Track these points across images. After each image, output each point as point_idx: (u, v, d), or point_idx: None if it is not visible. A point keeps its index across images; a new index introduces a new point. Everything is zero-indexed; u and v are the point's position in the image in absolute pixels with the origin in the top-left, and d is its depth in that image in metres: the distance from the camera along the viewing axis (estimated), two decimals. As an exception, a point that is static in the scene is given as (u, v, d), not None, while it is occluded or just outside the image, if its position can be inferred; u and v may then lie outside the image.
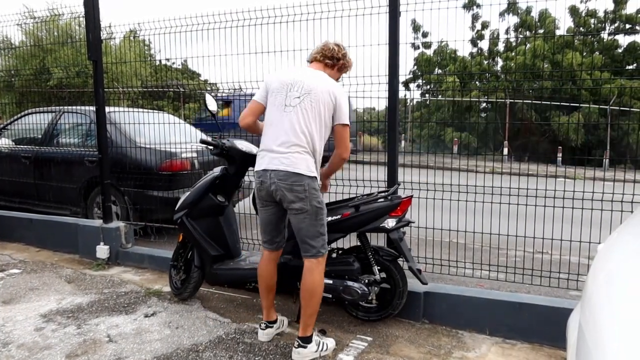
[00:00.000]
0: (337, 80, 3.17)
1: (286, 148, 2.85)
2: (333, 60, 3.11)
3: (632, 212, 3.02)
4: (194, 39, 4.66)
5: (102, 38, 4.90)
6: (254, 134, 3.21)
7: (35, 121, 6.45)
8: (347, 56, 3.18)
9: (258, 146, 3.12)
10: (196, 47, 4.70)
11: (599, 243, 2.03)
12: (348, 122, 2.95)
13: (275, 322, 3.30)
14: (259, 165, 2.95)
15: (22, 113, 6.66)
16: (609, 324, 1.24)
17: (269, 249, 3.16)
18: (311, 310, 2.97)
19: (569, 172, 4.26)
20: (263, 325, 3.24)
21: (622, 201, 3.30)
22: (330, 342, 3.10)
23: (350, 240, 3.62)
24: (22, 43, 7.21)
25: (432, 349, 3.18)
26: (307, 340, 2.97)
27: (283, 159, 2.84)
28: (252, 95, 3.21)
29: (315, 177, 2.91)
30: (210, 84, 6.70)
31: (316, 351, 2.98)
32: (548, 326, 3.19)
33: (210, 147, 3.62)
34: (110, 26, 5.30)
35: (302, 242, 2.97)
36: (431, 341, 3.29)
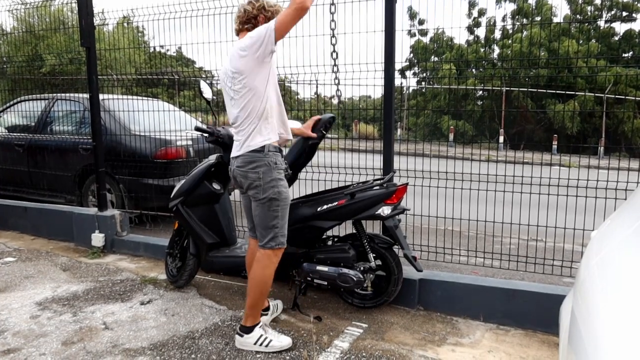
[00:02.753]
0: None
1: (236, 136, 2.91)
2: (252, 22, 2.89)
3: (625, 199, 3.03)
4: (188, 26, 4.62)
5: (95, 24, 4.85)
6: None
7: (29, 109, 6.41)
8: (266, 5, 2.88)
9: None
10: (191, 34, 4.66)
11: (593, 230, 2.04)
12: (269, 24, 2.63)
13: (267, 309, 3.28)
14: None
15: (15, 100, 6.60)
16: (601, 310, 1.25)
17: (252, 237, 3.15)
18: (251, 300, 2.92)
19: (564, 159, 4.27)
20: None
21: (616, 189, 3.31)
22: (276, 340, 2.95)
23: (345, 228, 3.63)
24: (13, 29, 7.13)
25: (427, 335, 3.20)
26: (246, 330, 2.94)
27: (238, 146, 2.88)
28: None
29: (270, 161, 2.80)
30: (205, 71, 6.65)
31: (255, 344, 2.92)
32: (542, 312, 3.21)
33: (205, 135, 3.61)
34: (103, 12, 5.25)
35: (256, 228, 2.95)
36: (426, 328, 3.31)
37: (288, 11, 2.54)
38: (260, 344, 2.92)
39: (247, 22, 2.89)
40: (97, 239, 4.89)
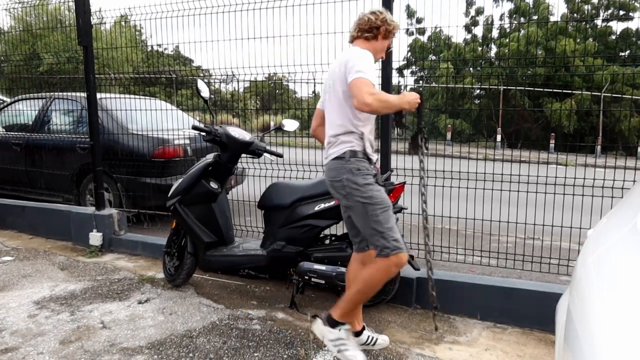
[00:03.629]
0: (388, 48, 2.97)
1: (327, 142, 2.77)
2: (373, 32, 2.78)
3: (622, 198, 3.05)
4: (186, 25, 4.62)
5: (92, 23, 4.84)
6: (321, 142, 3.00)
7: (26, 108, 6.39)
8: (388, 19, 2.79)
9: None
10: (188, 33, 4.66)
11: (589, 229, 2.05)
12: (358, 75, 2.46)
13: (358, 334, 2.94)
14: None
15: (13, 99, 6.59)
16: (597, 308, 1.26)
17: (354, 250, 2.98)
18: (350, 295, 2.72)
19: (562, 158, 4.28)
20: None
21: (612, 187, 3.32)
22: (352, 351, 2.69)
23: (343, 227, 3.63)
24: (11, 28, 7.12)
25: (424, 333, 3.21)
26: (333, 322, 2.72)
27: (328, 152, 2.76)
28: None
29: (357, 169, 2.63)
30: (203, 70, 6.65)
31: (331, 340, 2.72)
32: (538, 311, 3.22)
33: (203, 134, 3.61)
34: (100, 11, 5.24)
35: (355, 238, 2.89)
36: (423, 326, 3.32)
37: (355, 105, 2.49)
38: (335, 345, 2.71)
39: (369, 31, 2.77)
40: (95, 238, 4.88)
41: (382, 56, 2.89)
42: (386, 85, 3.71)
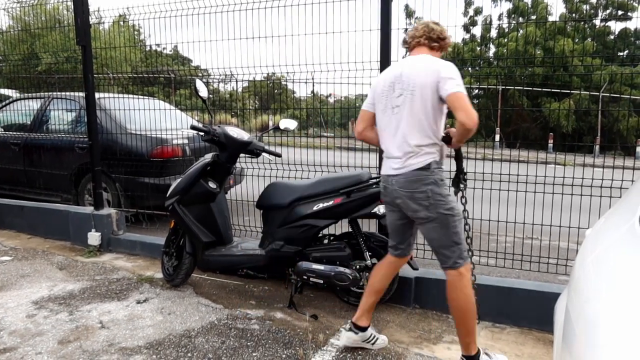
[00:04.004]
0: None
1: (403, 152, 2.60)
2: (439, 42, 2.74)
3: (620, 197, 3.05)
4: (184, 24, 4.62)
5: (90, 23, 4.83)
6: (372, 144, 2.95)
7: (24, 107, 6.38)
8: (445, 33, 2.79)
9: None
10: (187, 33, 4.66)
11: (588, 228, 2.05)
12: (460, 88, 2.42)
13: (363, 329, 2.94)
14: (383, 171, 2.79)
15: (11, 99, 6.58)
16: (595, 307, 1.26)
17: (391, 254, 2.94)
18: (465, 329, 2.63)
19: (560, 158, 4.28)
20: (347, 326, 2.97)
21: (611, 187, 3.32)
22: None
23: (342, 227, 3.63)
24: (9, 28, 7.10)
25: (423, 333, 3.22)
26: (476, 357, 2.65)
27: (404, 163, 2.59)
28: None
29: (440, 180, 2.60)
30: (201, 70, 6.65)
31: None
32: (537, 310, 3.23)
33: (201, 134, 3.61)
34: (99, 10, 5.23)
35: (436, 252, 2.69)
36: (422, 326, 3.32)
37: (461, 120, 2.41)
38: None
39: (437, 41, 2.74)
40: (94, 237, 4.88)
41: None
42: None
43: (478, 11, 22.16)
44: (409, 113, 2.57)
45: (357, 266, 3.37)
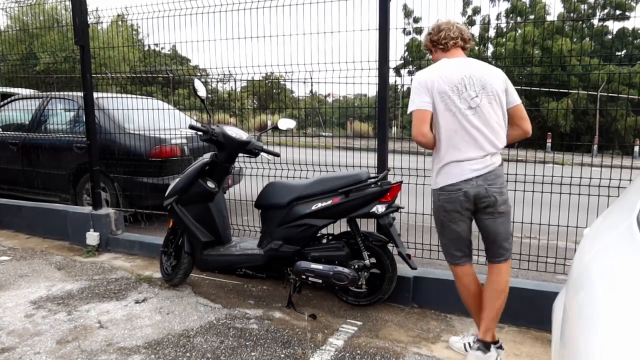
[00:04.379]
0: None
1: (485, 152, 2.62)
2: (469, 43, 2.82)
3: (618, 197, 3.06)
4: (183, 24, 4.61)
5: (89, 22, 4.83)
6: (427, 147, 2.79)
7: (23, 107, 6.37)
8: None
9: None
10: (185, 32, 4.66)
11: (586, 228, 2.06)
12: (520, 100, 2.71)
13: (498, 343, 2.81)
14: (454, 178, 2.63)
15: (9, 99, 6.57)
16: (593, 306, 1.26)
17: (470, 262, 2.86)
18: (494, 313, 2.75)
19: (558, 157, 4.29)
20: (477, 345, 2.74)
21: (609, 186, 3.33)
22: None
23: (340, 226, 3.63)
24: (7, 27, 7.09)
25: (421, 332, 3.22)
26: (487, 345, 2.71)
27: (487, 162, 2.62)
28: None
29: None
30: (200, 69, 6.64)
31: None
32: (535, 309, 3.23)
33: (200, 133, 3.60)
34: (97, 10, 5.22)
35: (498, 247, 2.74)
36: (420, 325, 3.33)
37: (527, 128, 2.80)
38: None
39: (467, 41, 2.82)
40: (92, 237, 4.87)
41: None
42: (383, 85, 3.71)
43: (476, 11, 22.17)
44: (490, 115, 2.62)
45: (356, 266, 3.37)
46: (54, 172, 5.96)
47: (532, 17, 19.27)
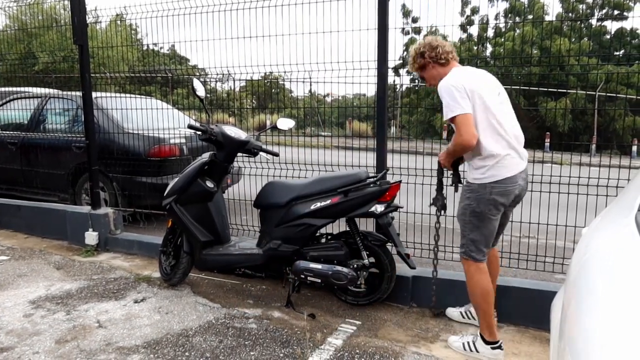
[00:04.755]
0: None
1: (522, 146, 2.85)
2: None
3: (616, 196, 3.07)
4: (182, 24, 4.61)
5: (87, 22, 4.83)
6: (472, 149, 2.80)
7: (21, 107, 6.37)
8: None
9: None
10: (184, 32, 4.65)
11: (584, 227, 2.06)
12: None
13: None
14: (512, 170, 2.74)
15: (8, 98, 6.56)
16: (591, 306, 1.27)
17: (485, 256, 2.92)
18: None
19: (557, 157, 4.31)
20: (500, 343, 2.88)
21: (607, 186, 3.34)
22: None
23: (339, 226, 3.64)
24: (6, 27, 7.08)
25: (420, 332, 3.22)
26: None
27: (524, 155, 2.85)
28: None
29: None
30: (199, 69, 6.64)
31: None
32: (533, 309, 3.24)
33: (199, 133, 3.60)
34: (96, 10, 5.21)
35: (499, 234, 3.01)
36: (419, 324, 3.33)
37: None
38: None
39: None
40: (91, 237, 4.87)
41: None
42: (382, 84, 3.72)
43: (475, 11, 22.17)
44: (513, 115, 2.88)
45: (355, 265, 3.38)
46: (52, 171, 5.96)
47: (530, 17, 19.29)
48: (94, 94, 5.01)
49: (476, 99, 2.70)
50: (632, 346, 1.01)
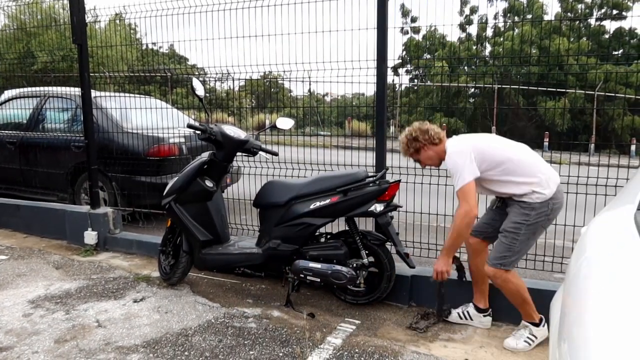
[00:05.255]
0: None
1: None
2: None
3: (615, 195, 3.07)
4: (181, 23, 4.61)
5: (87, 21, 4.82)
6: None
7: (20, 106, 6.36)
8: None
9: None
10: (183, 31, 4.65)
11: (583, 226, 2.06)
12: None
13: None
14: (557, 185, 2.91)
15: (6, 98, 6.55)
16: (590, 305, 1.27)
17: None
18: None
19: (556, 156, 4.31)
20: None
21: (606, 185, 3.34)
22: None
23: (338, 225, 3.64)
24: (5, 26, 7.07)
25: (419, 331, 3.22)
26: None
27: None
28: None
29: None
30: (198, 68, 6.64)
31: None
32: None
33: (198, 132, 3.60)
34: (95, 9, 5.21)
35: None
36: (418, 324, 3.33)
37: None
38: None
39: None
40: (90, 236, 4.87)
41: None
42: (381, 84, 3.72)
43: (474, 10, 22.18)
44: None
45: (354, 264, 3.38)
46: (51, 171, 5.95)
47: (529, 16, 19.30)
48: (93, 93, 5.00)
49: (483, 157, 2.91)
50: (631, 345, 1.01)
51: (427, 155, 3.16)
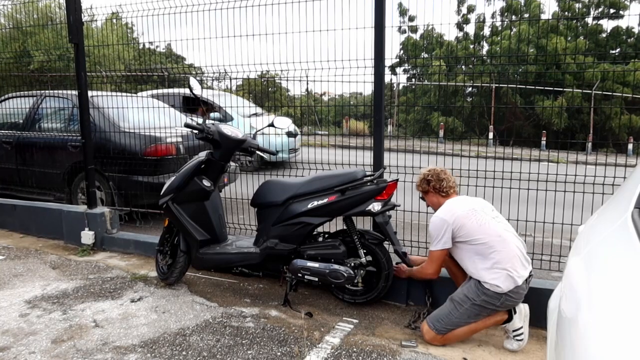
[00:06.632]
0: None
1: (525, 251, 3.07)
2: None
3: (612, 194, 3.08)
4: (178, 22, 4.60)
5: (83, 20, 4.81)
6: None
7: (16, 106, 6.34)
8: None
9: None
10: (180, 31, 4.64)
11: (580, 225, 2.07)
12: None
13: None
14: (521, 278, 2.92)
15: (2, 97, 6.53)
16: (588, 303, 1.27)
17: None
18: None
19: (553, 155, 4.31)
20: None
21: (603, 184, 3.35)
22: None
23: (336, 224, 3.64)
24: (1, 25, 7.05)
25: (417, 330, 3.22)
26: None
27: (528, 262, 3.07)
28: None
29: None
30: (195, 68, 6.63)
31: None
32: (530, 307, 3.23)
33: (195, 132, 3.60)
34: (91, 8, 5.20)
35: None
36: (416, 323, 3.33)
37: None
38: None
39: None
40: (87, 236, 4.86)
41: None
42: (378, 83, 3.72)
43: (471, 9, 22.22)
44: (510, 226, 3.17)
45: (352, 264, 3.38)
46: (48, 170, 5.93)
47: (526, 15, 19.33)
48: (89, 93, 4.98)
49: (460, 230, 2.96)
50: (630, 345, 1.01)
51: (431, 200, 3.28)
